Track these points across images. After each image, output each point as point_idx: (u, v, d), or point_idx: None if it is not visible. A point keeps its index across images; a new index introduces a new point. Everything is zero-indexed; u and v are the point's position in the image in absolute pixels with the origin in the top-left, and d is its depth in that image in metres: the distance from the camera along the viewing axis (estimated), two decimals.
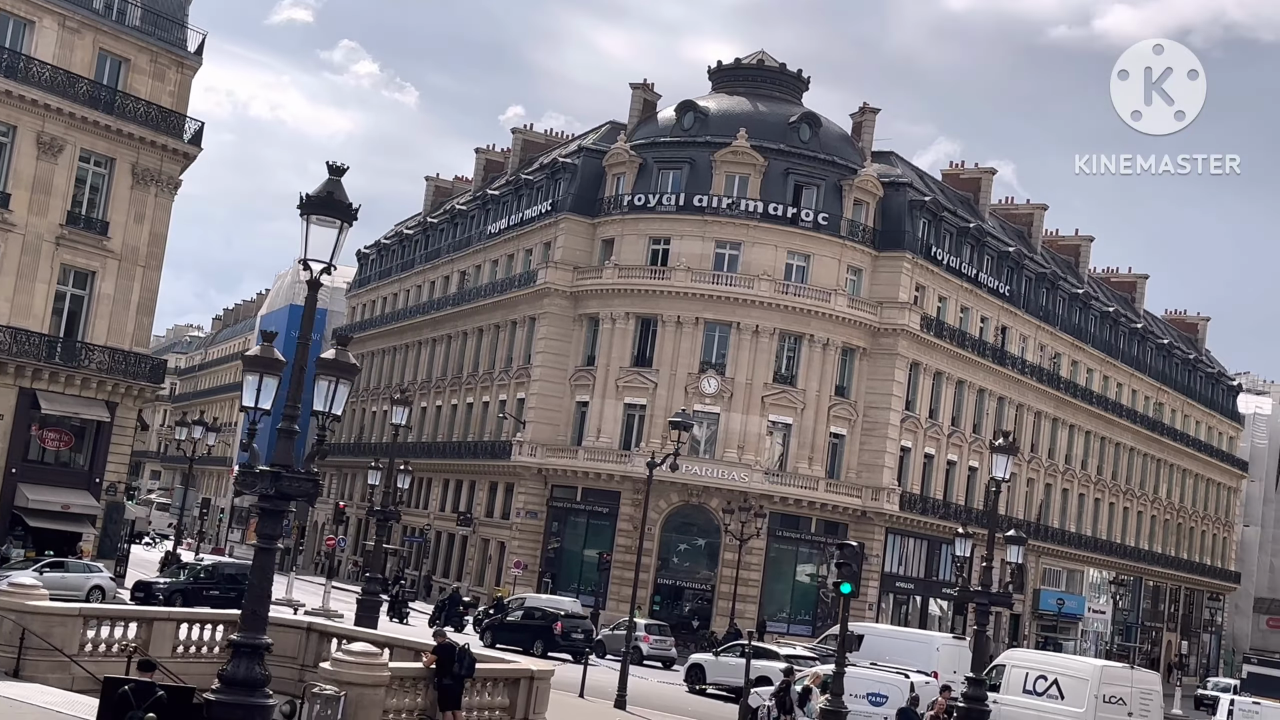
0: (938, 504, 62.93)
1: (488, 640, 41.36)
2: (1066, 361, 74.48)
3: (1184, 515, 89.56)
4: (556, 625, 41.16)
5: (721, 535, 55.15)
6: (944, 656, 35.20)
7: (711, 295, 57.31)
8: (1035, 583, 72.06)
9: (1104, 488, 78.89)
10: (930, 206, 61.82)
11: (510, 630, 42.16)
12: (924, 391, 61.98)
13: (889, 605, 61.10)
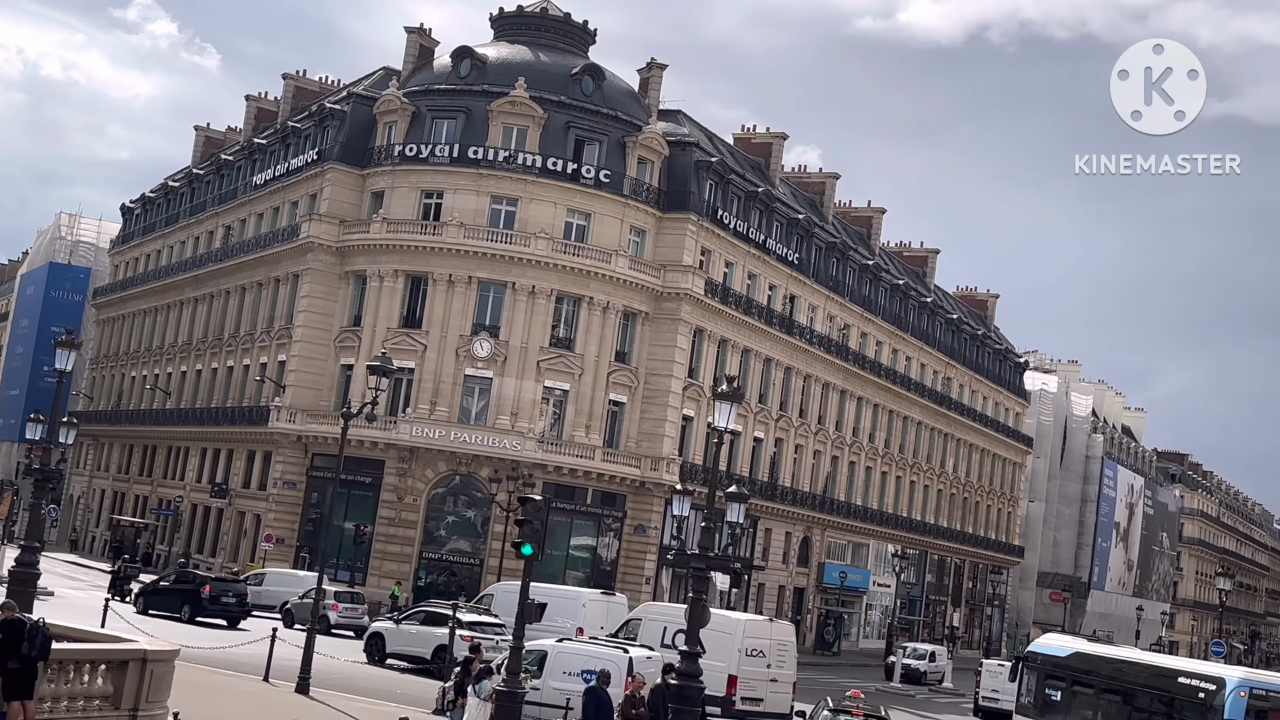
0: (721, 475, 60.99)
1: (139, 606, 40.01)
2: (856, 333, 73.73)
3: (970, 490, 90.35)
4: (205, 588, 39.54)
5: (493, 506, 52.19)
6: (590, 612, 35.46)
7: (486, 253, 54.14)
8: (820, 556, 71.21)
9: (891, 461, 78.65)
10: (717, 168, 59.82)
11: (161, 595, 40.78)
12: (708, 359, 60.06)
13: (668, 579, 59.09)
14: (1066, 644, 29.15)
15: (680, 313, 57.34)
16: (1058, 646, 29.08)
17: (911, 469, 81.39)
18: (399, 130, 56.67)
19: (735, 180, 61.68)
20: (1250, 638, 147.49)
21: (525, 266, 54.33)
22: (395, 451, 53.04)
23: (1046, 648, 29.25)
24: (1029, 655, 29.33)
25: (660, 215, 58.11)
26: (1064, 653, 27.91)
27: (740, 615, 33.91)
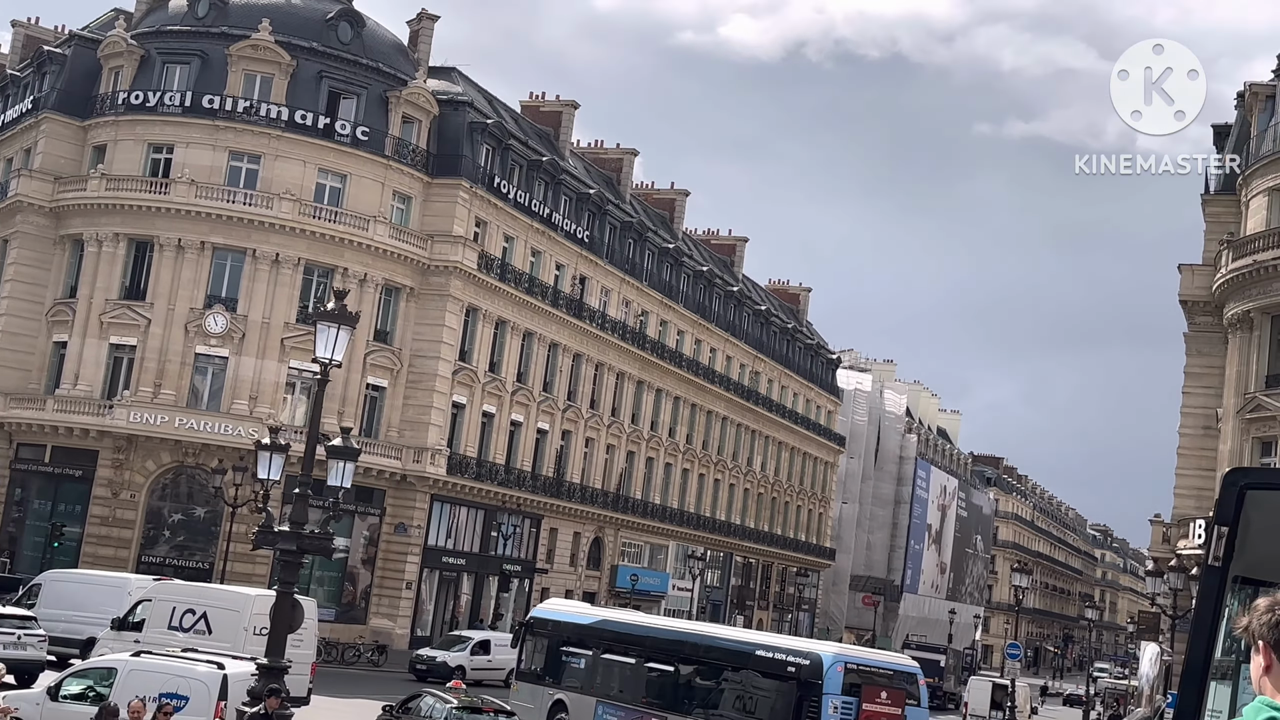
0: (497, 469, 55.66)
1: None
2: (655, 320, 69.12)
3: (780, 489, 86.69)
4: None
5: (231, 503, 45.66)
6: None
7: (222, 215, 47.69)
8: (613, 558, 66.26)
9: (694, 458, 74.27)
10: (494, 131, 54.42)
11: None
12: (483, 341, 54.56)
13: (434, 583, 53.39)
14: (587, 611, 28.72)
15: (450, 288, 51.75)
16: (577, 614, 28.14)
17: (716, 466, 77.17)
18: (125, 76, 49.81)
19: (516, 147, 56.38)
20: (1064, 640, 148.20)
21: (268, 231, 48.06)
22: (110, 440, 46.18)
23: (560, 614, 28.16)
24: (537, 620, 28.58)
25: (428, 180, 52.46)
26: (588, 620, 27.03)
27: (251, 590, 30.09)
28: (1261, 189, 40.87)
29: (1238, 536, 4.85)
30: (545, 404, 59.10)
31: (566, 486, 60.87)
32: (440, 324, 51.68)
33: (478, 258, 52.85)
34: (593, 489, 63.39)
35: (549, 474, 59.67)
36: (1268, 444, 39.25)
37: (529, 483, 57.92)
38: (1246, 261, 39.74)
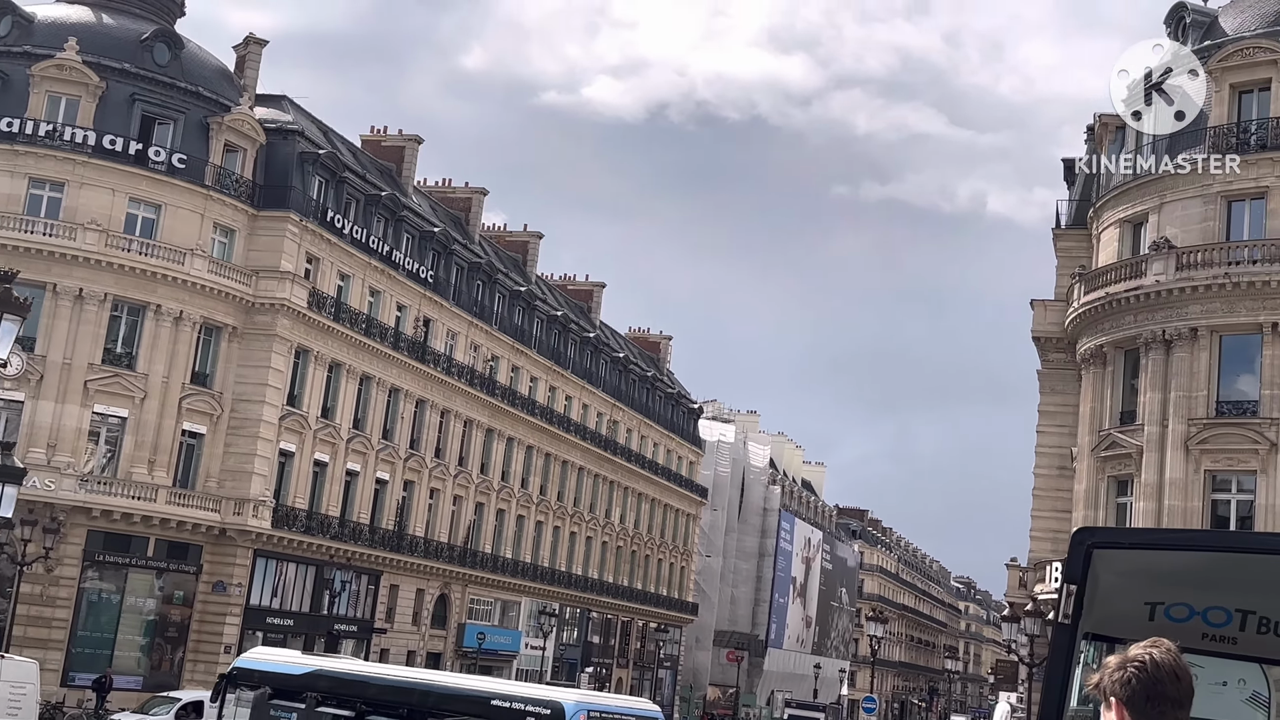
0: (330, 522, 52.17)
1: None
2: (506, 365, 66.34)
3: (640, 543, 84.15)
4: None
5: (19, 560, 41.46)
6: None
7: (19, 246, 43.78)
8: (460, 616, 62.83)
9: (549, 509, 71.37)
10: (327, 162, 51.47)
11: None
12: (315, 385, 51.21)
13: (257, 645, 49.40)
14: (299, 660, 25.90)
15: (277, 328, 48.41)
16: (288, 663, 25.11)
17: (572, 519, 74.36)
18: None
19: (353, 180, 53.46)
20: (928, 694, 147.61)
21: (70, 264, 44.33)
22: None
23: (268, 664, 25.03)
24: (241, 672, 25.01)
25: (254, 213, 49.22)
26: (300, 670, 24.25)
27: None
28: (1112, 221, 39.93)
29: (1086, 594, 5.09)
30: (385, 452, 55.82)
31: (409, 540, 57.51)
32: (266, 365, 48.28)
33: (308, 295, 49.66)
34: (438, 543, 60.11)
35: (389, 527, 56.29)
36: (1123, 482, 37.98)
37: (366, 536, 54.49)
38: (1098, 295, 38.64)
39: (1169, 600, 5.21)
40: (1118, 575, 5.24)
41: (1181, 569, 5.41)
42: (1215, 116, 37.07)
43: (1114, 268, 38.66)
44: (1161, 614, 5.18)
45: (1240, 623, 5.14)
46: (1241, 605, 5.13)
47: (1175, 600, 5.20)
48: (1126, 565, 5.36)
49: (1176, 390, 36.30)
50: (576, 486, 74.78)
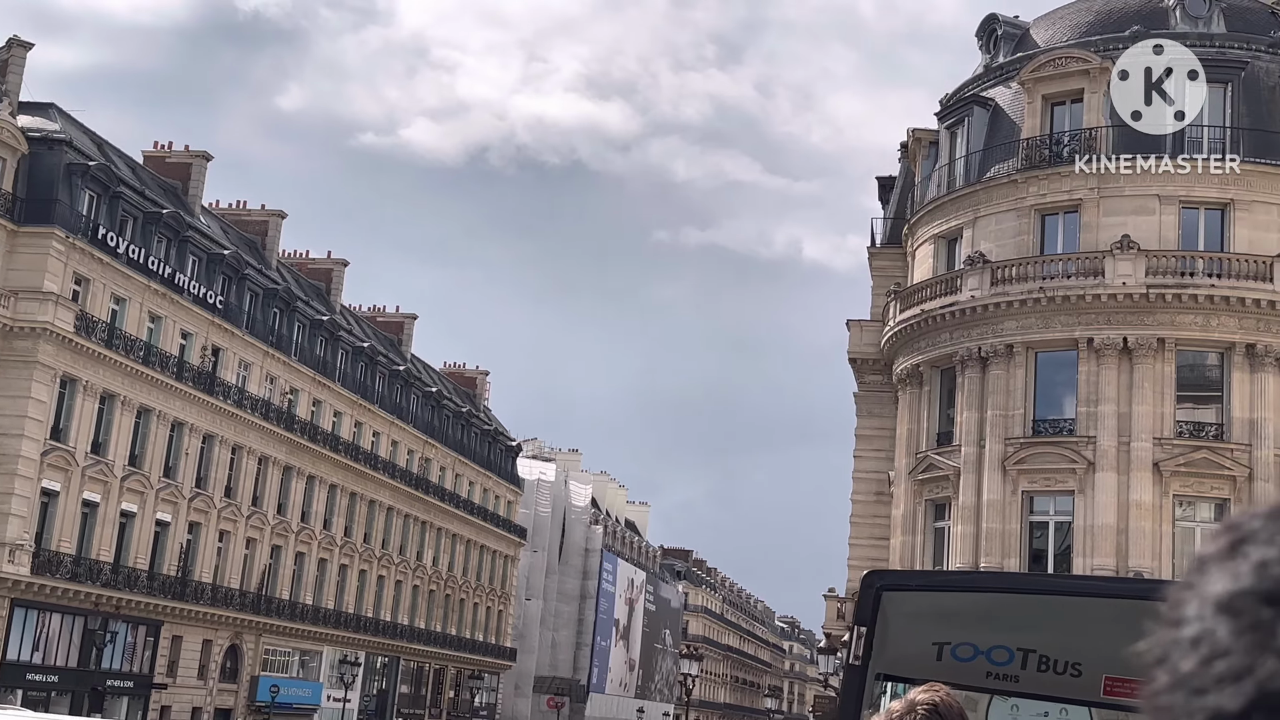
0: (102, 568, 47.60)
1: None
2: (306, 399, 62.44)
3: (454, 586, 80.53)
4: None
5: None
6: None
7: None
8: (254, 668, 58.43)
9: (354, 552, 67.41)
10: (99, 175, 47.35)
11: None
12: (84, 417, 46.77)
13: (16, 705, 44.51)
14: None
15: (38, 354, 44.00)
16: None
17: (381, 561, 70.49)
18: None
19: (130, 196, 49.38)
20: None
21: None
22: None
23: None
24: None
25: (14, 228, 44.79)
26: None
27: None
28: (927, 237, 38.81)
29: (876, 636, 5.34)
30: (166, 491, 51.46)
31: (194, 587, 53.12)
32: (25, 396, 43.77)
33: (75, 319, 45.35)
34: (228, 589, 55.78)
35: (171, 573, 51.87)
36: (940, 505, 36.61)
37: (145, 584, 50.00)
38: (914, 312, 37.39)
39: (955, 640, 5.46)
40: (906, 617, 5.50)
41: (966, 610, 5.76)
42: (1028, 129, 36.27)
43: (929, 284, 37.47)
44: (948, 654, 5.43)
45: (1022, 661, 5.38)
46: (1022, 644, 5.38)
47: (961, 640, 5.46)
48: (914, 607, 5.69)
49: (993, 409, 35.13)
50: (385, 527, 71.02)
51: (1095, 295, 33.87)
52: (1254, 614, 0.49)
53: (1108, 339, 33.83)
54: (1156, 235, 34.15)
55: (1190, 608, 0.51)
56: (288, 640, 60.99)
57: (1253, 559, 0.52)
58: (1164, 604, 0.51)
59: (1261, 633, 0.49)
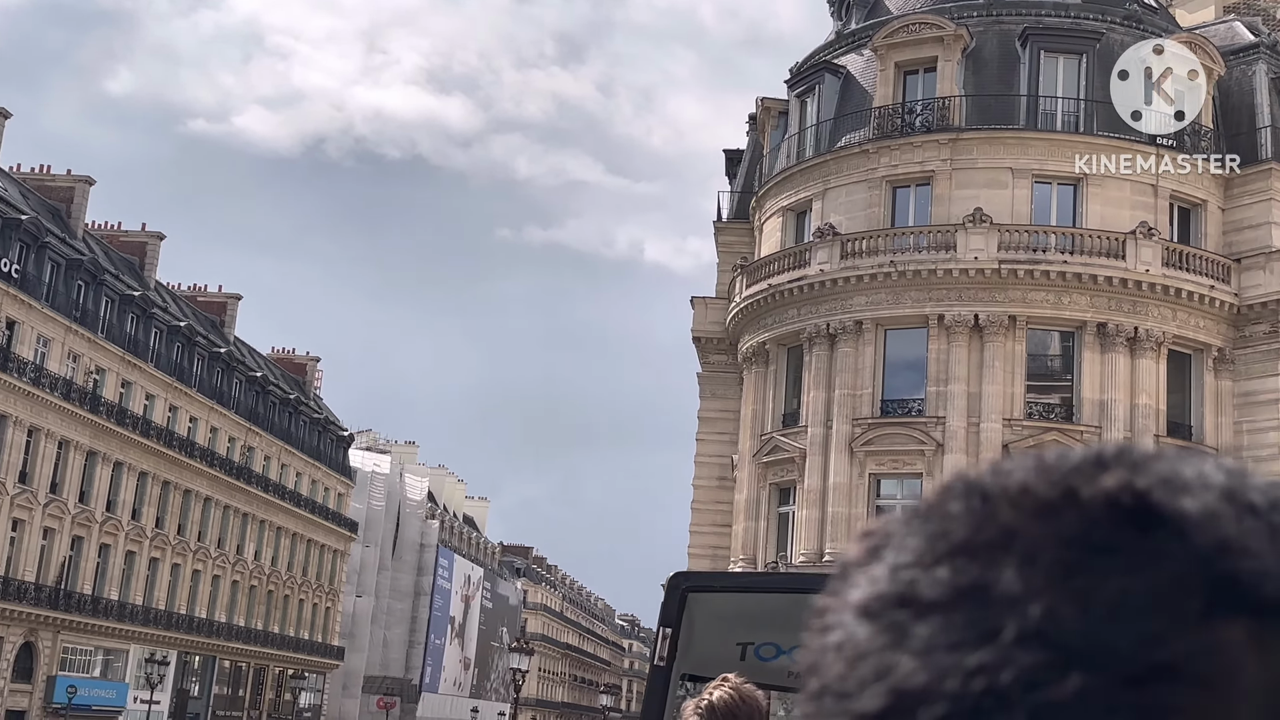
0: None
1: None
2: (114, 380, 58.04)
3: (278, 581, 76.52)
4: None
5: None
6: None
7: None
8: (51, 668, 53.97)
9: (166, 545, 63.14)
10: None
11: None
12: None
13: None
14: None
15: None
16: None
17: (196, 555, 66.29)
18: None
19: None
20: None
21: None
22: None
23: None
24: None
25: None
26: None
27: None
28: (775, 210, 37.12)
29: (681, 637, 5.39)
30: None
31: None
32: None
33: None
34: (22, 583, 51.31)
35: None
36: (785, 490, 34.92)
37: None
38: (761, 287, 35.64)
39: (758, 640, 5.69)
40: (711, 618, 5.64)
41: (769, 610, 5.80)
42: (880, 97, 34.83)
43: (777, 258, 35.77)
44: (752, 654, 5.66)
45: None
46: None
47: (764, 640, 5.67)
48: (719, 608, 5.88)
49: (841, 389, 33.56)
50: (202, 519, 66.84)
51: (946, 270, 32.55)
52: (889, 617, 0.51)
53: (958, 316, 32.54)
54: (1009, 209, 32.99)
55: (834, 614, 0.53)
56: (89, 638, 56.59)
57: (887, 563, 0.54)
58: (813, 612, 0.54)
59: (896, 634, 0.50)
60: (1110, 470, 0.54)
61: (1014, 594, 0.50)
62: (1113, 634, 0.49)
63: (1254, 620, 0.50)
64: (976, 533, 0.53)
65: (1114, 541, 0.51)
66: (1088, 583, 0.50)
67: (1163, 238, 32.69)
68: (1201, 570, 0.50)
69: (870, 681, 0.51)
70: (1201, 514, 0.52)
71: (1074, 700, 0.48)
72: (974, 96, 33.63)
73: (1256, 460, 32.21)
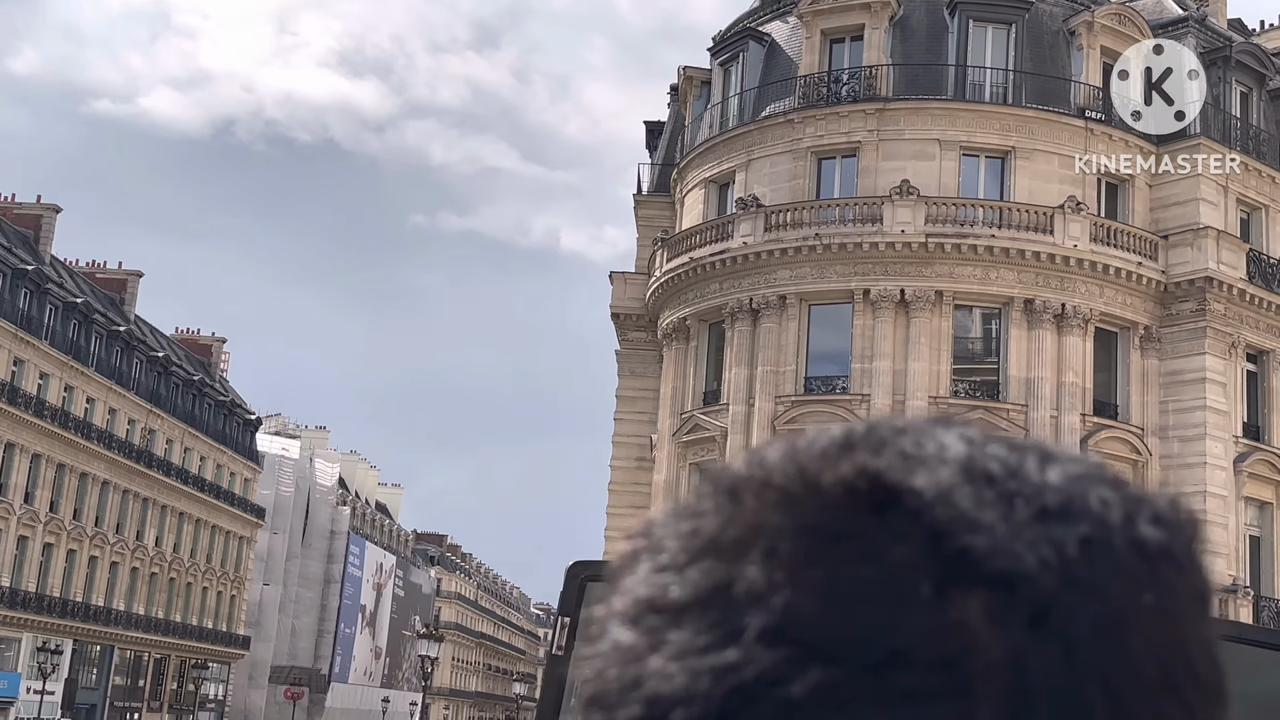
0: None
1: None
2: (6, 358, 55.49)
3: (181, 569, 74.07)
4: None
5: None
6: None
7: None
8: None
9: (61, 530, 60.59)
10: None
11: None
12: None
13: None
14: None
15: None
16: None
17: (93, 541, 63.77)
18: None
19: None
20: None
21: None
22: None
23: None
24: None
25: None
26: None
27: None
28: (697, 181, 35.99)
29: (580, 626, 5.43)
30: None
31: None
32: None
33: None
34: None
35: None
36: (706, 469, 33.78)
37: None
38: (682, 260, 34.49)
39: None
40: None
41: None
42: (805, 66, 33.81)
43: (699, 230, 34.65)
44: None
45: None
46: None
47: None
48: None
49: (764, 365, 32.55)
50: (100, 504, 64.31)
51: (873, 244, 31.64)
52: (647, 623, 0.51)
53: (884, 290, 31.66)
54: (936, 182, 32.16)
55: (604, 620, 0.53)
56: None
57: (647, 566, 0.53)
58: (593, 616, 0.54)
59: (653, 640, 0.50)
60: (855, 452, 0.53)
61: (757, 591, 0.50)
62: (849, 624, 0.48)
63: (990, 595, 0.49)
64: (724, 529, 0.53)
65: (850, 529, 0.51)
66: (825, 573, 0.49)
67: (1091, 213, 32.07)
68: (933, 549, 0.50)
69: (630, 689, 0.50)
70: (935, 491, 0.51)
71: (815, 694, 0.47)
72: (901, 66, 32.75)
73: (1183, 440, 31.80)
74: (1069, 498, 0.52)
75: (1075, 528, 0.51)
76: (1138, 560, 0.51)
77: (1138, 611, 0.50)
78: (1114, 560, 0.51)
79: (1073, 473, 0.53)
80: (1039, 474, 0.53)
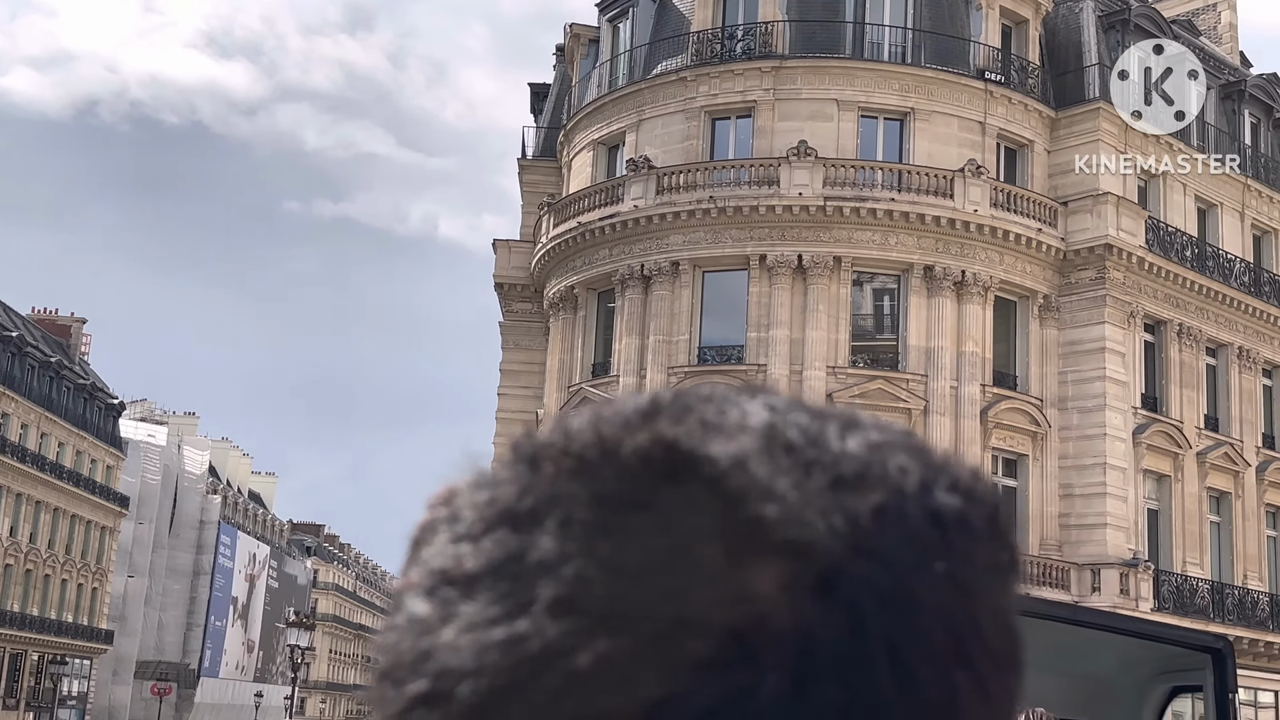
0: None
1: None
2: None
3: (37, 560, 70.20)
4: None
5: None
6: None
7: None
8: None
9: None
10: None
11: None
12: None
13: None
14: None
15: None
16: None
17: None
18: None
19: None
20: None
21: None
22: None
23: None
24: None
25: None
26: None
27: None
28: (585, 143, 34.34)
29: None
30: None
31: None
32: None
33: None
34: None
35: None
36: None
37: None
38: (570, 225, 32.83)
39: None
40: None
41: None
42: (698, 21, 32.35)
43: (587, 194, 33.00)
44: None
45: None
46: None
47: None
48: None
49: (656, 334, 31.06)
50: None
51: (769, 207, 30.33)
52: (441, 594, 0.49)
53: (781, 256, 30.37)
54: (835, 144, 30.95)
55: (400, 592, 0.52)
56: None
57: (443, 537, 0.52)
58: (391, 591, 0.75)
59: (446, 611, 0.49)
60: (656, 420, 0.52)
61: (549, 561, 0.49)
62: (638, 593, 0.47)
63: (781, 564, 0.48)
64: (521, 498, 0.51)
65: (644, 497, 0.50)
66: (617, 543, 0.48)
67: (991, 177, 31.18)
68: (727, 518, 0.49)
69: (420, 662, 0.49)
70: (731, 459, 0.50)
71: (600, 664, 0.46)
72: (798, 22, 31.46)
73: (1082, 411, 31.11)
74: (866, 465, 0.51)
75: (869, 496, 0.50)
76: (930, 529, 0.50)
77: (928, 580, 0.49)
78: (906, 529, 0.50)
79: (873, 440, 0.52)
80: (839, 442, 0.52)
